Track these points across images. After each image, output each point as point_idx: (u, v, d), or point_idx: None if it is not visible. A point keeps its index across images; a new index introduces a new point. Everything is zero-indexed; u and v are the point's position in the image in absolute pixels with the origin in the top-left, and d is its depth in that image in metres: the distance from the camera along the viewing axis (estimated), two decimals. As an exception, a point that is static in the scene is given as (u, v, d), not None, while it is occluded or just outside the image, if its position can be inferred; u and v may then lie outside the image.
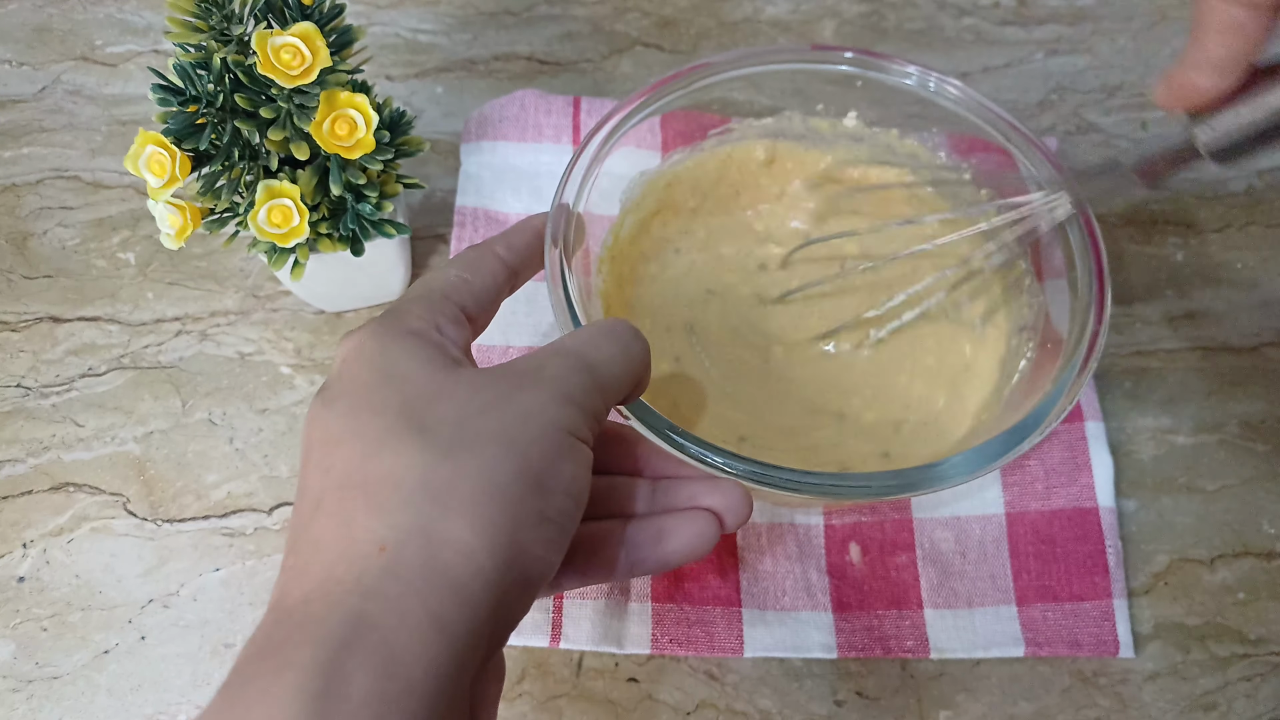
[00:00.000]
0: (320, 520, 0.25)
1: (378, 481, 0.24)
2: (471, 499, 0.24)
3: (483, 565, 0.23)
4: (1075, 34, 0.58)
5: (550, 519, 0.25)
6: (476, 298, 0.31)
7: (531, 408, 0.26)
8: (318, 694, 0.21)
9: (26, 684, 0.40)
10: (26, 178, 0.51)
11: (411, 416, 0.25)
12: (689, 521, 0.32)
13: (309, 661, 0.21)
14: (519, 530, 0.24)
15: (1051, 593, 0.42)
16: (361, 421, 0.26)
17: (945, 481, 0.34)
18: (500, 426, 0.25)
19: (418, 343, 0.28)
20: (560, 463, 0.26)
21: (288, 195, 0.38)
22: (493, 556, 0.24)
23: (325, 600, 0.23)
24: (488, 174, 0.50)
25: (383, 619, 0.22)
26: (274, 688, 0.21)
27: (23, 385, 0.46)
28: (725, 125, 0.46)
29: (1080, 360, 0.36)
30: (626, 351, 0.29)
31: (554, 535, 0.26)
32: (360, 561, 0.23)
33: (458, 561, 0.23)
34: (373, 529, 0.24)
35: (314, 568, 0.24)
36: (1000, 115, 0.42)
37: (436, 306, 0.30)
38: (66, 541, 0.43)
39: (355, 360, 0.27)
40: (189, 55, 0.36)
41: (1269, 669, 0.41)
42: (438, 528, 0.23)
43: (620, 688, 0.40)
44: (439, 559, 0.23)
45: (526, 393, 0.26)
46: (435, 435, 0.25)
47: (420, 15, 0.57)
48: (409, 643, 0.22)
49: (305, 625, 0.22)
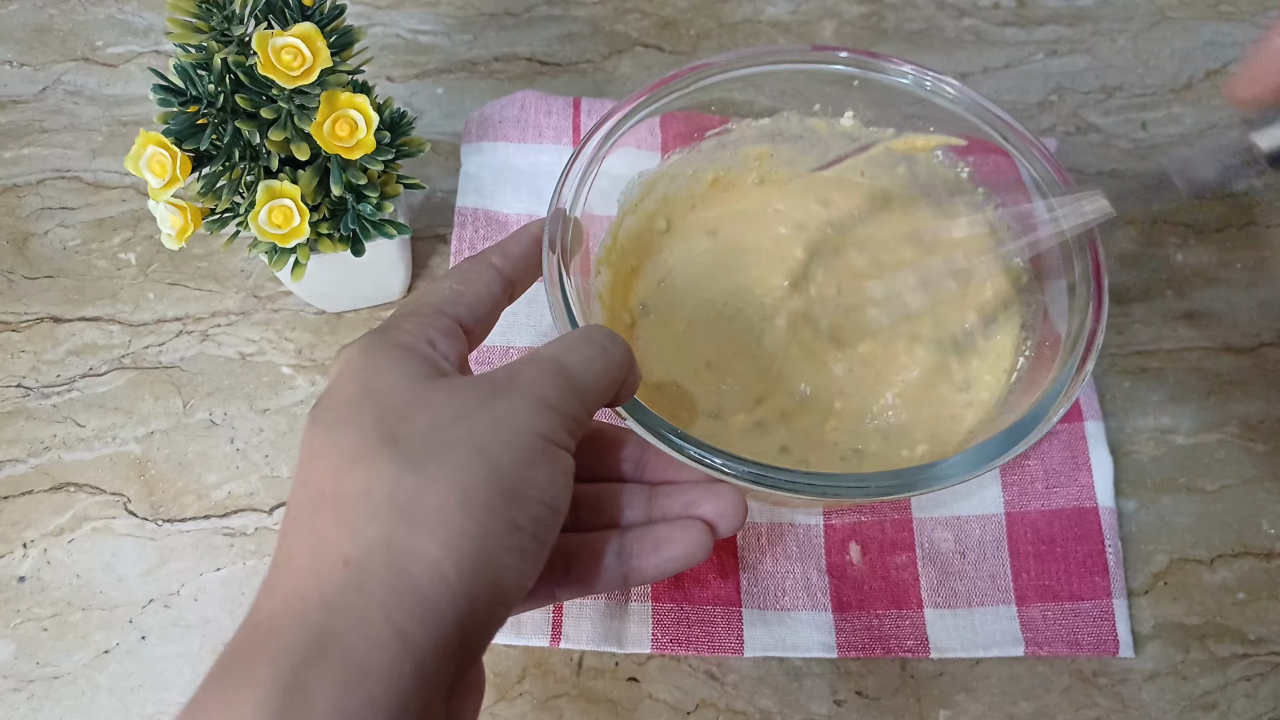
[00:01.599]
0: (292, 536, 0.25)
1: (348, 497, 0.24)
2: (438, 509, 0.24)
3: (448, 577, 0.23)
4: (1075, 34, 0.58)
5: (523, 527, 0.25)
6: (471, 309, 0.31)
7: (504, 414, 0.26)
8: (278, 709, 0.21)
9: (27, 684, 0.40)
10: (27, 178, 0.51)
11: (385, 430, 0.25)
12: (684, 531, 0.31)
13: (270, 677, 0.21)
14: (488, 540, 0.24)
15: (1051, 592, 0.42)
16: (337, 437, 0.26)
17: (944, 481, 0.34)
18: (471, 433, 0.25)
19: (404, 355, 0.28)
20: (534, 469, 0.25)
21: (288, 196, 0.38)
22: (458, 568, 0.23)
23: (290, 615, 0.23)
24: (488, 174, 0.50)
25: (345, 633, 0.22)
26: (236, 703, 0.21)
27: (23, 385, 0.46)
28: (724, 126, 0.46)
29: (1078, 359, 0.36)
30: (604, 354, 0.29)
31: (527, 544, 0.25)
32: (326, 576, 0.23)
33: (423, 574, 0.23)
34: (340, 544, 0.24)
35: (283, 583, 0.24)
36: (999, 116, 0.42)
37: (428, 320, 0.29)
38: (67, 541, 0.43)
39: (342, 375, 0.28)
40: (190, 56, 0.36)
41: (1269, 669, 0.41)
42: (403, 541, 0.23)
43: (620, 687, 0.41)
44: (404, 572, 0.23)
45: (500, 399, 0.26)
46: (406, 447, 0.25)
47: (421, 16, 0.57)
48: (371, 657, 0.22)
49: (269, 640, 0.22)
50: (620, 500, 0.33)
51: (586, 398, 0.28)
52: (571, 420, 0.27)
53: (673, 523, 0.32)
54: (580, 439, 0.29)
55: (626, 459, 0.35)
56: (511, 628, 0.40)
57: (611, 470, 0.35)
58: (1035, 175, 0.41)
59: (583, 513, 0.33)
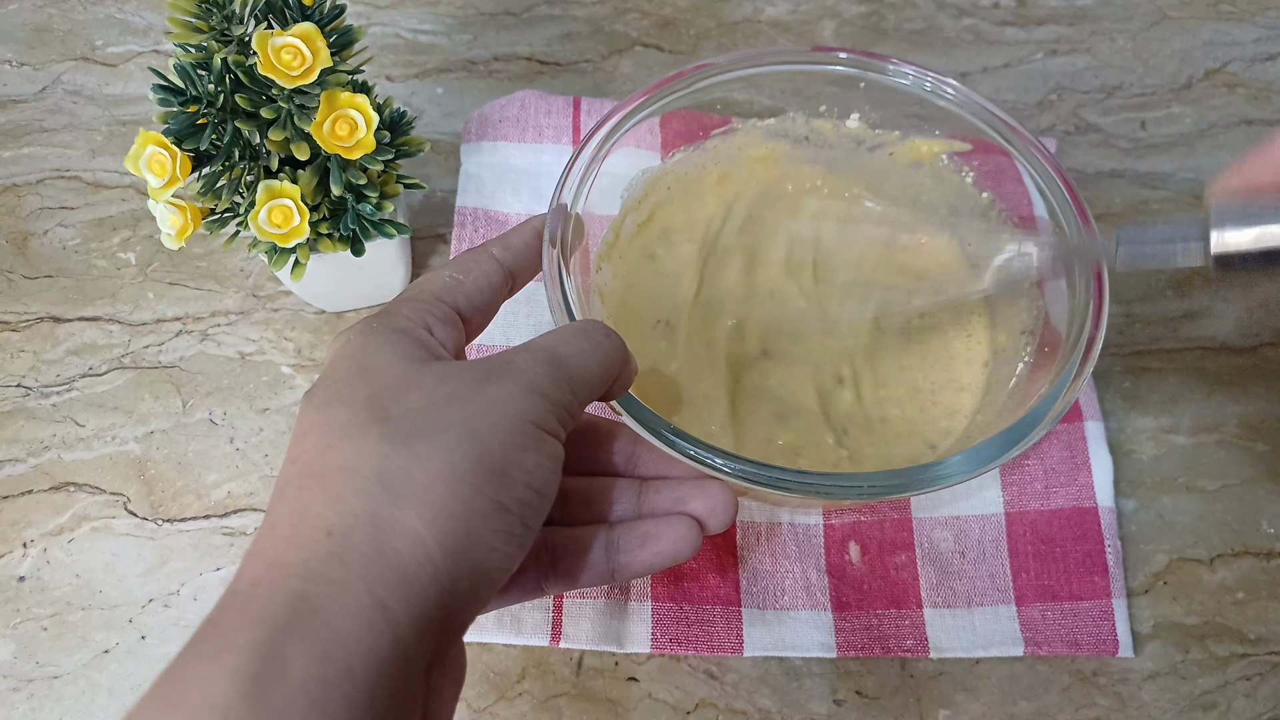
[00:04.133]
0: (278, 508, 0.25)
1: (335, 470, 0.25)
2: (425, 486, 0.24)
3: (431, 552, 0.23)
4: (1075, 34, 0.58)
5: (509, 510, 0.25)
6: (469, 298, 0.31)
7: (496, 398, 0.26)
8: (254, 676, 0.21)
9: (27, 683, 0.40)
10: (27, 178, 0.51)
11: (376, 407, 0.25)
12: (671, 527, 0.32)
13: (247, 643, 0.21)
14: (474, 519, 0.24)
15: (1051, 592, 0.42)
16: (329, 414, 0.26)
17: (943, 481, 0.34)
18: (463, 415, 0.25)
19: (399, 339, 0.28)
20: (523, 454, 0.26)
21: (288, 195, 0.38)
22: (442, 545, 0.23)
23: (270, 584, 0.23)
24: (488, 174, 0.50)
25: (324, 603, 0.22)
26: (212, 669, 0.21)
27: (23, 385, 0.46)
28: (728, 125, 0.46)
29: (1078, 360, 0.36)
30: (598, 347, 0.30)
31: (512, 526, 0.25)
32: (308, 546, 0.23)
33: (406, 549, 0.23)
34: (324, 515, 0.24)
35: (266, 553, 0.24)
36: (999, 116, 0.42)
37: (426, 306, 0.30)
38: (67, 541, 0.43)
39: (338, 356, 0.28)
40: (189, 55, 0.36)
41: (1268, 669, 0.41)
42: (387, 514, 0.23)
43: (620, 687, 0.41)
44: (387, 545, 0.23)
45: (493, 384, 0.26)
46: (397, 425, 0.25)
47: (420, 16, 0.57)
48: (350, 627, 0.22)
49: (248, 608, 0.22)
50: (610, 495, 0.33)
51: (579, 389, 0.28)
52: (563, 409, 0.27)
53: (660, 518, 0.32)
54: (572, 431, 0.29)
55: (618, 453, 0.35)
56: (511, 627, 0.40)
57: (603, 464, 0.35)
58: (1035, 176, 0.41)
59: (572, 506, 0.33)
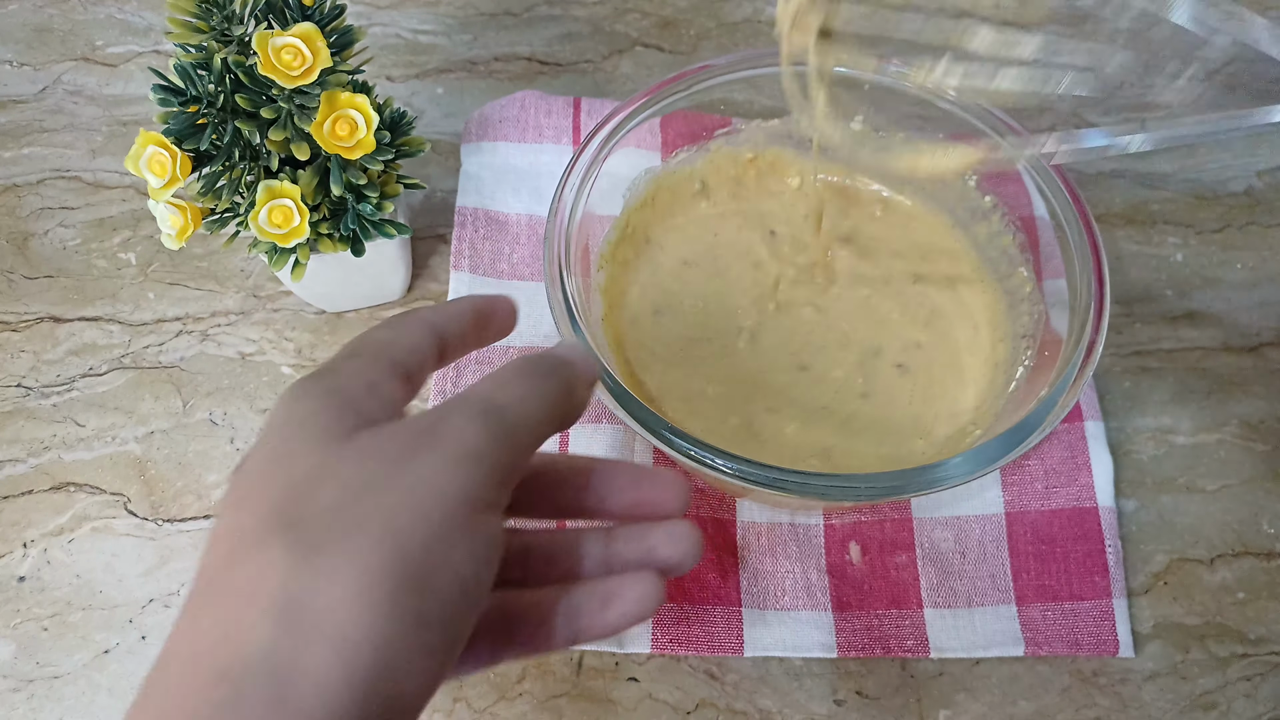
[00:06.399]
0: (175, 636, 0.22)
1: (233, 593, 0.22)
2: (329, 613, 0.21)
3: (340, 695, 0.21)
4: (1075, 34, 0.58)
5: (431, 623, 0.22)
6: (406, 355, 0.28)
7: (422, 476, 0.23)
8: None
9: (27, 684, 0.40)
10: (27, 178, 0.51)
11: (285, 510, 0.23)
12: (634, 585, 0.28)
13: None
14: (390, 643, 0.21)
15: (1051, 592, 0.42)
16: (238, 518, 0.23)
17: (944, 483, 0.34)
18: (378, 508, 0.22)
19: (330, 404, 0.25)
20: (450, 548, 0.23)
21: (288, 195, 0.38)
22: (350, 683, 0.21)
23: None
24: (488, 174, 0.50)
25: None
26: None
27: (23, 385, 0.46)
28: (730, 126, 0.46)
29: (1079, 361, 0.36)
30: (540, 387, 0.26)
31: (434, 641, 0.22)
32: (197, 695, 0.21)
33: (309, 697, 0.20)
34: (217, 655, 0.21)
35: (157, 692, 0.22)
36: (999, 116, 0.42)
37: (368, 363, 0.27)
38: (67, 541, 0.43)
39: (268, 427, 0.25)
40: (190, 56, 0.36)
41: (1269, 669, 0.41)
42: (288, 656, 0.21)
43: (620, 687, 0.41)
44: (287, 695, 0.20)
45: (421, 457, 0.23)
46: (304, 531, 0.22)
47: (421, 16, 0.57)
48: None
49: None
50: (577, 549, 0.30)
51: (521, 439, 0.25)
52: (504, 470, 0.25)
53: (623, 576, 0.28)
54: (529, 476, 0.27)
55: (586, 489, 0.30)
56: (511, 628, 0.40)
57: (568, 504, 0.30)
58: (1036, 176, 0.41)
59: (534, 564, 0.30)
